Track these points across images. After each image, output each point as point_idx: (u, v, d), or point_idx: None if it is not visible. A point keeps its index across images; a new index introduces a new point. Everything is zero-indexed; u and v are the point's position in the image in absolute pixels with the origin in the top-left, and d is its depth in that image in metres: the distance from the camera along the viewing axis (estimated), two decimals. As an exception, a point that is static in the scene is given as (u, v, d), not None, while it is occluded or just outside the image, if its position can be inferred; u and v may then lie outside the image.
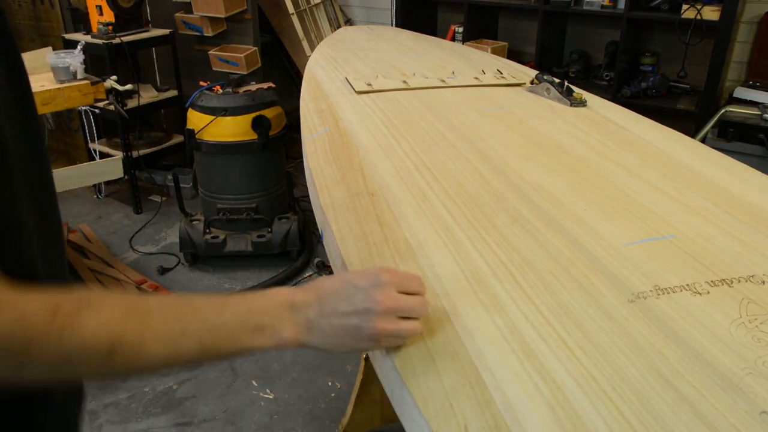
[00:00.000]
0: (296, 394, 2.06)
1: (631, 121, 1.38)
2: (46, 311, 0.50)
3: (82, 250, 2.92)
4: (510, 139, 1.24)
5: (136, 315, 0.55)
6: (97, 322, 0.52)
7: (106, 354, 0.52)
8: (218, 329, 0.58)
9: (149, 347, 0.55)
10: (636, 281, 0.76)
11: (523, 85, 1.64)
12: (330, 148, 1.22)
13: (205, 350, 0.58)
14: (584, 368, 0.62)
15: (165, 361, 0.57)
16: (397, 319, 0.62)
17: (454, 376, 0.62)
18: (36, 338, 0.50)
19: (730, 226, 0.91)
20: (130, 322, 0.54)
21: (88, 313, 0.52)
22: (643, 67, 3.04)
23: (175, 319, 0.57)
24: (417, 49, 2.11)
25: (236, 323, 0.59)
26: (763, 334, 0.67)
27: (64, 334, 0.51)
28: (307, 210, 3.11)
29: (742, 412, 0.57)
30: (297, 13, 3.53)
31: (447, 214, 0.93)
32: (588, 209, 0.95)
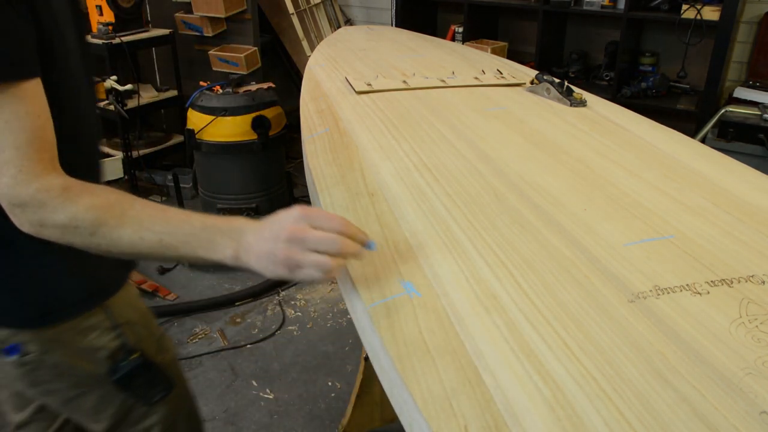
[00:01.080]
0: (296, 394, 2.06)
1: (631, 121, 1.38)
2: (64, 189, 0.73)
3: (82, 250, 2.92)
4: (510, 139, 1.24)
5: (120, 207, 0.74)
6: (91, 204, 0.73)
7: (90, 230, 0.73)
8: (177, 234, 0.74)
9: (122, 233, 0.74)
10: (636, 281, 0.76)
11: (523, 85, 1.64)
12: (330, 148, 1.22)
13: (164, 246, 0.74)
14: (584, 368, 0.62)
15: (131, 246, 0.74)
16: (304, 250, 0.70)
17: (454, 376, 0.62)
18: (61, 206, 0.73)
19: (730, 226, 0.91)
20: (112, 211, 0.74)
21: (89, 197, 0.74)
22: (643, 67, 3.04)
23: (147, 218, 0.74)
24: (417, 49, 2.11)
25: (192, 234, 0.74)
26: (763, 334, 0.67)
27: (66, 205, 0.72)
28: (307, 210, 3.11)
29: (742, 412, 0.57)
30: (297, 13, 3.53)
31: (447, 214, 0.93)
32: (588, 209, 0.95)
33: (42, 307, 0.91)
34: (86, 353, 0.97)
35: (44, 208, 0.73)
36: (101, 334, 0.97)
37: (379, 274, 0.79)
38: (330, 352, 2.27)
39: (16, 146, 0.71)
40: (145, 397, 1.05)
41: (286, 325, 2.42)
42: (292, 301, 2.58)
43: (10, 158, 0.71)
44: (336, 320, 2.45)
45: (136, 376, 1.01)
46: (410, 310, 0.72)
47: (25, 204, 0.72)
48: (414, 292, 0.75)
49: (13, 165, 0.71)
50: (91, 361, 0.97)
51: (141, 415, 1.07)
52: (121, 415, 1.05)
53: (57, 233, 0.74)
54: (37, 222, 0.74)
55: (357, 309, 0.77)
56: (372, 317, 0.72)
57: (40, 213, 0.73)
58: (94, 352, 0.97)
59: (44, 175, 0.73)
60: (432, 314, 0.71)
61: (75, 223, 0.73)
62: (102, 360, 0.98)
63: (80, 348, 0.96)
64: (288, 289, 2.66)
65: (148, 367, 1.03)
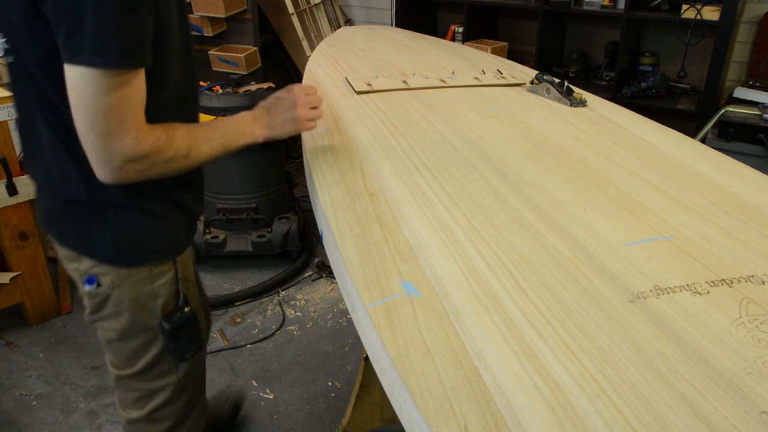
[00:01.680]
0: (296, 394, 2.06)
1: (631, 121, 1.38)
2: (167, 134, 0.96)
3: (82, 250, 2.92)
4: (510, 139, 1.24)
5: (194, 133, 1.01)
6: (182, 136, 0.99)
7: (185, 155, 0.99)
8: (228, 136, 1.07)
9: (201, 149, 1.02)
10: (636, 281, 0.76)
11: (523, 85, 1.64)
12: (330, 148, 1.22)
13: (224, 147, 1.06)
14: (584, 368, 0.62)
15: (207, 156, 1.04)
16: (309, 109, 1.14)
17: (454, 376, 0.62)
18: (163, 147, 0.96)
19: (730, 226, 0.91)
20: (192, 137, 1.01)
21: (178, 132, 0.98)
22: (643, 67, 3.04)
23: (210, 133, 1.05)
24: (417, 49, 2.11)
25: (235, 132, 1.09)
26: (763, 334, 0.67)
27: (169, 145, 0.96)
28: (307, 210, 3.11)
29: (742, 412, 0.57)
30: (297, 13, 3.53)
31: (447, 214, 0.93)
32: (588, 209, 0.95)
33: (127, 250, 1.08)
34: (147, 298, 1.11)
35: (157, 153, 0.94)
36: (166, 283, 1.13)
37: (379, 274, 0.80)
38: (330, 352, 2.27)
39: (133, 116, 0.90)
40: (181, 351, 1.19)
41: (286, 325, 2.42)
42: (292, 301, 2.58)
43: (129, 125, 0.90)
44: (336, 320, 2.45)
45: (184, 328, 1.16)
46: (410, 310, 0.72)
47: (143, 156, 0.92)
48: (414, 292, 0.75)
49: (130, 128, 0.90)
50: (147, 308, 1.12)
51: (163, 372, 1.21)
52: (148, 366, 1.18)
53: (162, 168, 0.97)
54: (148, 166, 0.94)
55: (357, 309, 0.77)
56: (372, 317, 0.72)
57: (155, 158, 0.94)
58: (154, 299, 1.12)
59: (151, 130, 0.94)
60: (432, 314, 0.71)
61: (178, 155, 0.98)
62: (156, 309, 1.13)
63: (144, 291, 1.11)
64: (288, 289, 2.66)
65: (195, 323, 1.19)
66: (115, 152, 0.90)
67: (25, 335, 2.35)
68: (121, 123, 0.88)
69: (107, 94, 0.86)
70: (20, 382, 2.11)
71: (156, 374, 1.20)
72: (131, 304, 1.10)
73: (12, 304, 2.32)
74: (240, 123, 1.10)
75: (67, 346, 2.29)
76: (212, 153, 1.04)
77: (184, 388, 1.25)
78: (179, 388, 1.24)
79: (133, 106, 0.90)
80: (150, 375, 1.19)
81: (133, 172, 0.93)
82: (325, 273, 2.76)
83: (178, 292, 1.15)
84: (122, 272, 1.08)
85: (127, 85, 0.87)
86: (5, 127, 2.13)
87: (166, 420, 1.26)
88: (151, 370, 1.19)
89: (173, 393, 1.23)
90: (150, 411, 1.23)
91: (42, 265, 2.35)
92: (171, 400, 1.24)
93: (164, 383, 1.21)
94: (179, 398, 1.25)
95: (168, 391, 1.22)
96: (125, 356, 1.17)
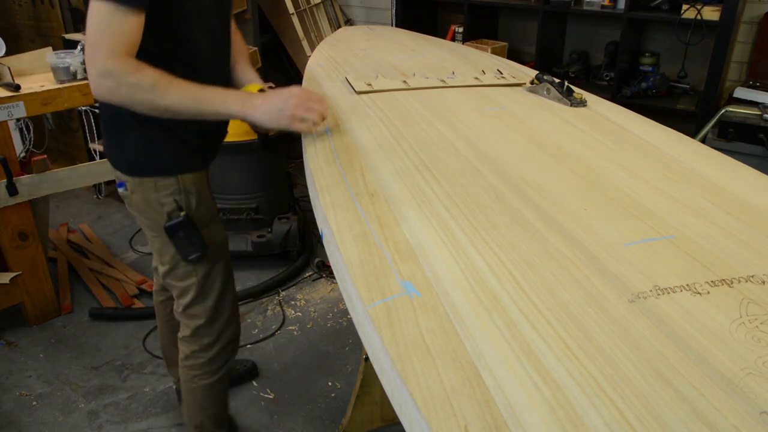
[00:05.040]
0: (296, 394, 2.06)
1: (631, 121, 1.38)
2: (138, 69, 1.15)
3: (82, 250, 2.92)
4: (510, 139, 1.24)
5: (168, 78, 1.16)
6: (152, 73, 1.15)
7: (149, 88, 1.15)
8: (204, 94, 1.20)
9: (169, 92, 1.16)
10: (636, 281, 0.76)
11: (523, 85, 1.64)
12: (330, 149, 1.22)
13: (196, 102, 1.19)
14: (584, 368, 0.62)
15: (176, 101, 1.17)
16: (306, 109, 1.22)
17: (454, 376, 0.62)
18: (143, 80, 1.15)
19: (730, 226, 0.91)
20: (163, 79, 1.16)
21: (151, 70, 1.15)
22: (643, 67, 3.04)
23: (187, 85, 1.18)
24: (417, 49, 2.11)
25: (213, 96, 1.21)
26: (763, 334, 0.67)
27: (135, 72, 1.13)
28: (307, 210, 3.11)
29: (742, 412, 0.57)
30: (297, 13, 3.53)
31: (447, 214, 0.93)
32: (588, 209, 0.95)
33: (138, 163, 1.36)
34: (156, 204, 1.39)
35: (122, 75, 1.12)
36: (168, 194, 1.38)
37: (379, 274, 0.80)
38: (330, 352, 2.27)
39: (112, 36, 1.11)
40: (184, 251, 1.42)
41: (286, 325, 2.42)
42: (292, 301, 2.58)
43: (107, 44, 1.11)
44: (336, 320, 2.45)
45: (179, 229, 1.39)
46: (410, 310, 0.72)
47: (109, 72, 1.11)
48: (414, 292, 0.75)
49: (107, 47, 1.11)
50: (158, 212, 1.39)
51: (186, 273, 1.46)
52: (173, 265, 1.45)
53: (127, 91, 1.14)
54: (115, 85, 1.12)
55: (357, 309, 0.77)
56: (372, 317, 0.72)
57: (118, 78, 1.12)
58: (161, 206, 1.39)
59: (126, 57, 1.13)
60: (432, 314, 0.71)
61: (141, 84, 1.13)
62: (164, 213, 1.39)
63: (153, 198, 1.38)
64: (288, 289, 2.66)
65: (189, 226, 1.40)
66: (92, 64, 1.12)
67: (25, 335, 2.35)
68: (102, 40, 1.11)
69: (103, 19, 1.10)
70: (20, 382, 2.11)
71: (181, 274, 1.46)
72: (144, 206, 1.39)
73: (12, 304, 2.32)
74: (223, 93, 1.23)
75: (67, 346, 2.29)
76: (181, 101, 1.18)
77: (209, 290, 1.50)
78: (203, 288, 1.49)
79: (118, 36, 1.11)
80: (176, 274, 1.47)
81: (104, 88, 1.14)
82: (325, 273, 2.76)
83: (176, 202, 1.39)
84: (136, 180, 1.37)
85: (120, 20, 1.10)
86: (5, 127, 2.13)
87: (199, 317, 1.51)
88: (176, 269, 1.46)
89: (198, 292, 1.48)
90: (185, 306, 1.51)
91: (42, 265, 2.35)
92: (198, 299, 1.49)
93: (189, 283, 1.47)
94: (206, 298, 1.50)
95: (194, 290, 1.48)
96: (158, 251, 1.46)
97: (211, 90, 1.22)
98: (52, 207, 3.06)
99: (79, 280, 2.70)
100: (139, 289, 2.62)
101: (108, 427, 1.92)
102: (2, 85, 2.15)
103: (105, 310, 2.47)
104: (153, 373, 2.15)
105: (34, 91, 2.16)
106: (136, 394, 2.05)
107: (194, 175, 1.42)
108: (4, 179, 2.13)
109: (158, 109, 1.18)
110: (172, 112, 1.19)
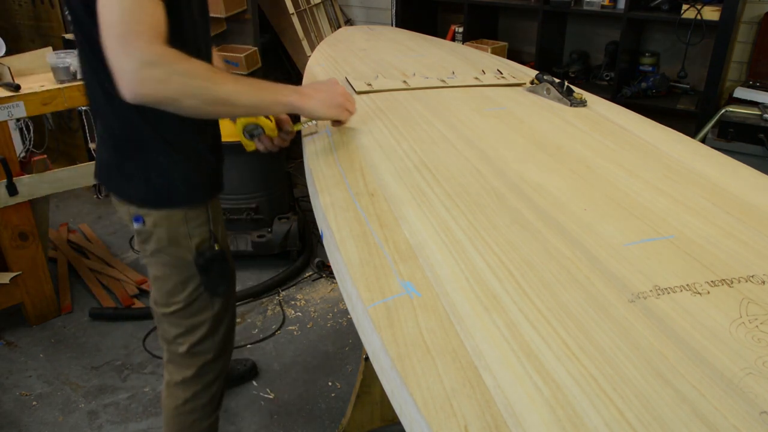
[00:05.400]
0: (296, 394, 2.06)
1: (631, 121, 1.38)
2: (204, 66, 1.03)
3: (82, 250, 2.92)
4: (510, 139, 1.24)
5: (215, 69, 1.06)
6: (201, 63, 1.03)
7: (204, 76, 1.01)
8: (263, 85, 1.11)
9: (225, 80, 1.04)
10: (636, 281, 0.76)
11: (523, 85, 1.64)
12: (330, 148, 1.22)
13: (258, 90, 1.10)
14: (584, 368, 0.62)
15: (236, 92, 1.05)
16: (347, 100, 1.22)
17: (454, 376, 0.62)
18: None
19: (730, 226, 0.91)
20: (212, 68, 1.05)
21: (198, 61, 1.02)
22: (643, 67, 3.04)
23: (240, 78, 1.09)
24: (417, 49, 2.11)
25: (272, 87, 1.12)
26: (763, 334, 0.67)
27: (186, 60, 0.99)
28: (307, 210, 3.11)
29: (742, 412, 0.57)
30: (297, 13, 3.53)
31: (447, 214, 0.93)
32: (588, 209, 0.95)
33: (166, 192, 1.22)
34: (183, 238, 1.26)
35: (172, 61, 0.96)
36: (199, 224, 1.27)
37: (379, 274, 0.80)
38: (330, 352, 2.27)
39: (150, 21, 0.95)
40: (214, 286, 1.32)
41: (286, 325, 2.43)
42: (292, 301, 2.58)
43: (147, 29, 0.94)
44: (336, 320, 2.45)
45: (215, 263, 1.30)
46: (410, 310, 0.72)
47: (157, 61, 0.94)
48: (414, 292, 0.75)
49: (148, 33, 0.94)
50: (183, 246, 1.26)
51: (201, 308, 1.34)
52: (188, 303, 1.32)
53: (180, 81, 0.97)
54: (165, 75, 0.95)
55: (357, 309, 0.77)
56: (372, 317, 0.72)
57: (169, 66, 0.95)
58: (189, 238, 1.26)
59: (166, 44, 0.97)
60: (432, 314, 0.71)
61: (193, 70, 0.99)
62: (191, 247, 1.27)
63: (181, 231, 1.25)
64: (288, 289, 2.66)
65: (224, 259, 1.32)
66: (131, 54, 0.92)
67: (25, 335, 2.35)
68: (139, 26, 0.93)
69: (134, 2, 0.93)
70: (20, 382, 2.11)
71: (195, 310, 1.33)
72: (169, 241, 1.25)
73: (12, 304, 2.32)
74: (270, 83, 1.14)
75: (67, 346, 2.29)
76: (240, 89, 1.06)
77: (220, 323, 1.39)
78: (216, 322, 1.38)
79: (156, 22, 0.95)
80: (190, 311, 1.33)
81: (152, 81, 0.94)
82: (325, 273, 2.76)
83: (210, 232, 1.29)
84: (161, 213, 1.23)
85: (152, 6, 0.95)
86: (5, 127, 2.13)
87: (207, 353, 1.40)
88: (191, 306, 1.32)
89: (211, 327, 1.37)
90: (192, 344, 1.37)
91: (42, 265, 2.35)
92: (210, 334, 1.38)
93: (203, 318, 1.35)
94: (217, 332, 1.39)
95: (207, 325, 1.36)
96: (167, 292, 1.31)
97: (259, 80, 1.13)
98: (52, 207, 3.06)
99: (79, 280, 2.70)
100: (139, 289, 2.62)
101: (108, 427, 1.92)
102: (2, 85, 2.15)
103: (105, 310, 2.47)
104: (153, 373, 2.15)
105: (34, 91, 2.16)
106: (136, 394, 2.05)
107: (217, 201, 1.33)
108: (4, 179, 2.13)
109: (214, 102, 1.03)
110: (229, 104, 1.05)
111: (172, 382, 1.42)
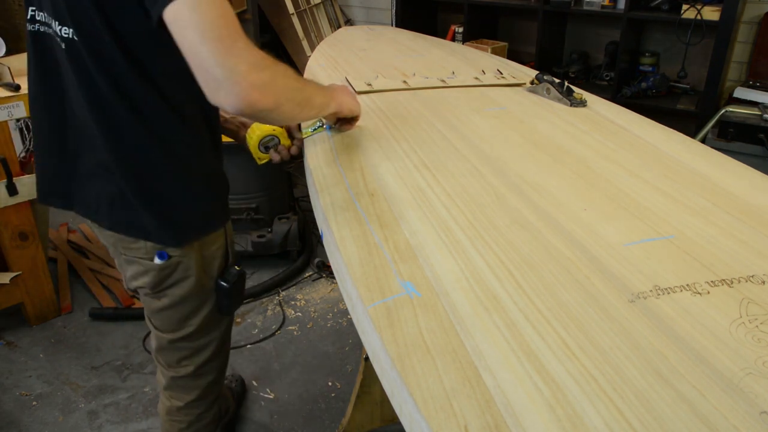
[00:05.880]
0: (296, 394, 2.06)
1: (631, 121, 1.38)
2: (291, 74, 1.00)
3: (82, 250, 2.92)
4: (510, 139, 1.24)
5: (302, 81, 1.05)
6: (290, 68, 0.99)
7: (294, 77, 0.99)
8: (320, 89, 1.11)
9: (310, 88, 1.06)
10: (636, 281, 0.76)
11: (523, 85, 1.64)
12: (330, 148, 1.22)
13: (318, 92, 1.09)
14: (584, 368, 0.62)
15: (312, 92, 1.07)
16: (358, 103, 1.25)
17: (454, 376, 0.62)
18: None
19: (730, 226, 0.91)
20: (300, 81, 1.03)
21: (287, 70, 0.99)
22: (643, 67, 3.04)
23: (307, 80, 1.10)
24: (417, 49, 2.11)
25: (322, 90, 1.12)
26: (763, 334, 0.67)
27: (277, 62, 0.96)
28: (307, 210, 3.11)
29: (742, 412, 0.57)
30: (297, 13, 3.53)
31: (447, 214, 0.93)
32: (588, 209, 0.95)
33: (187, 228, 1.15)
34: (207, 262, 1.21)
35: (270, 63, 0.93)
36: (220, 247, 1.23)
37: (379, 274, 0.80)
38: (330, 352, 2.27)
39: (241, 31, 0.91)
40: (231, 305, 1.28)
41: (286, 325, 2.42)
42: (292, 301, 2.58)
43: (238, 30, 0.90)
44: (336, 320, 2.45)
45: (237, 283, 1.26)
46: (410, 310, 0.72)
47: (261, 63, 0.90)
48: (414, 292, 0.75)
49: (241, 35, 0.90)
50: (207, 271, 1.22)
51: (210, 329, 1.30)
52: (199, 327, 1.27)
53: (283, 83, 0.95)
54: (270, 78, 0.91)
55: (357, 309, 0.77)
56: (372, 317, 0.72)
57: (272, 69, 0.92)
58: (212, 261, 1.22)
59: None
60: (432, 314, 0.71)
61: (288, 73, 0.97)
62: (214, 270, 1.23)
63: (206, 256, 1.20)
64: (288, 289, 2.66)
65: (243, 278, 1.29)
66: (236, 56, 0.87)
67: (25, 335, 2.35)
68: (231, 27, 0.88)
69: (211, 7, 0.88)
70: (20, 382, 2.11)
71: (206, 331, 1.29)
72: (197, 269, 1.19)
73: (12, 304, 2.32)
74: (326, 94, 1.13)
75: (67, 346, 2.29)
76: (312, 90, 1.06)
77: (225, 342, 1.37)
78: (222, 342, 1.35)
79: (234, 20, 0.91)
80: (200, 333, 1.29)
81: (262, 86, 0.89)
82: (325, 273, 2.76)
83: (227, 253, 1.26)
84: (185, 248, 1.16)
85: (230, 6, 0.91)
86: (5, 127, 2.13)
87: (212, 373, 1.37)
88: (202, 329, 1.28)
89: (217, 347, 1.34)
90: (197, 366, 1.33)
91: (42, 265, 2.35)
92: (216, 355, 1.35)
93: (210, 339, 1.32)
94: (221, 352, 1.37)
95: (213, 346, 1.33)
96: (177, 320, 1.25)
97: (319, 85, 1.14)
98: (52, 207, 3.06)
99: (79, 280, 2.70)
100: (139, 289, 2.61)
101: (108, 427, 1.92)
102: (2, 85, 2.15)
103: (105, 310, 2.47)
104: (153, 373, 2.15)
105: (34, 91, 2.15)
106: (136, 394, 2.05)
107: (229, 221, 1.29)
108: (4, 179, 2.13)
109: (302, 103, 1.01)
110: (308, 106, 1.05)
111: (174, 408, 1.38)
